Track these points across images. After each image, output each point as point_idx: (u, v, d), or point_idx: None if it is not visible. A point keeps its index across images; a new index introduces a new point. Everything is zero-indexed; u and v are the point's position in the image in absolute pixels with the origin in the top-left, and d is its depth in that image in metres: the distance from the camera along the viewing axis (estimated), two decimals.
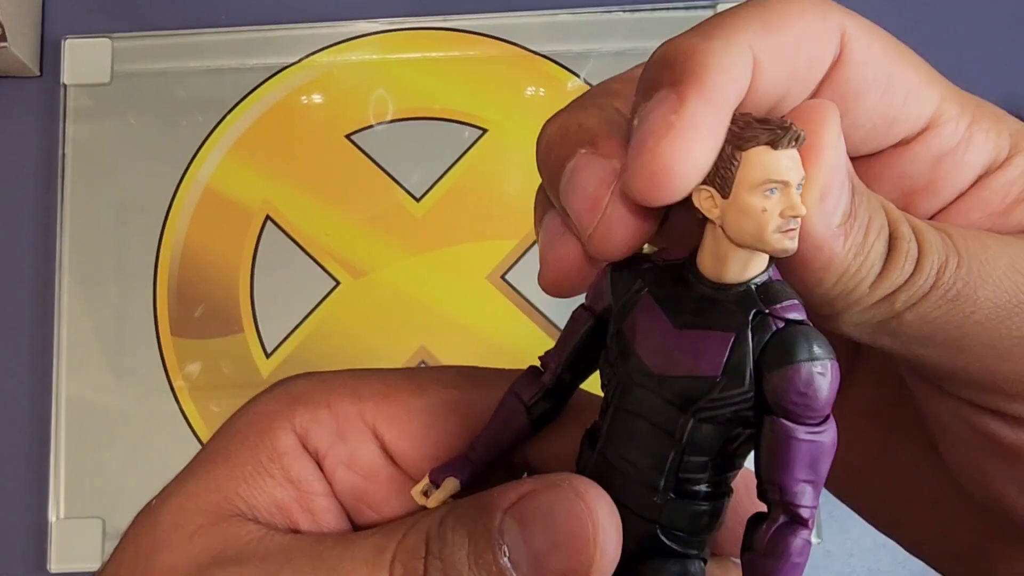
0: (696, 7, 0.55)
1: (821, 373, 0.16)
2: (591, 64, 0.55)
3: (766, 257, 0.16)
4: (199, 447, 0.24)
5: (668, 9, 0.56)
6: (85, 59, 0.56)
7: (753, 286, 0.16)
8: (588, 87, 0.55)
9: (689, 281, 0.17)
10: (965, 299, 0.16)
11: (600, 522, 0.16)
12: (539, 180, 0.19)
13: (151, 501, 0.21)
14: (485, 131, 0.55)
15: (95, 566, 0.50)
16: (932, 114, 0.18)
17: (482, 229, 0.54)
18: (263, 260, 0.54)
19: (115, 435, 0.52)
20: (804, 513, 0.16)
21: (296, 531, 0.20)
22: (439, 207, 0.54)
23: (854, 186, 0.16)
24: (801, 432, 0.16)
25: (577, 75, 0.55)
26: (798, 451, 0.16)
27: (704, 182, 0.16)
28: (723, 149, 0.16)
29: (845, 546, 0.50)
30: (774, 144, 0.15)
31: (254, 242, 0.54)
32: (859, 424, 0.22)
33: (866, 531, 0.51)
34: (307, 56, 0.56)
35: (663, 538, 0.18)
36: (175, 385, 0.52)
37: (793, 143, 0.15)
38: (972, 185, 0.18)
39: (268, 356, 0.53)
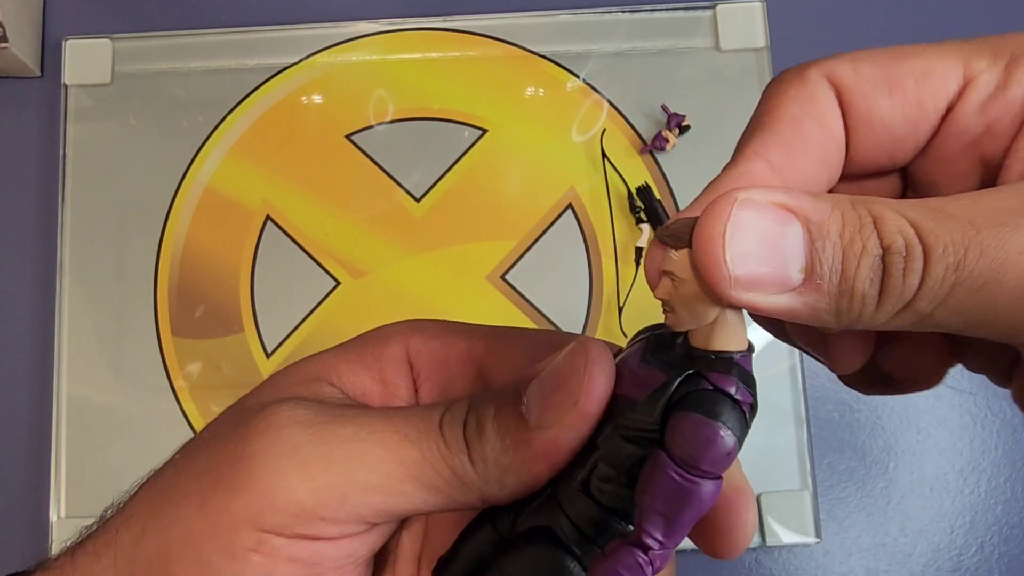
0: (696, 7, 0.55)
1: (709, 430, 0.18)
2: (591, 64, 0.56)
3: (732, 337, 0.18)
4: None
5: (668, 9, 0.56)
6: (86, 59, 0.56)
7: (713, 356, 0.18)
8: (588, 87, 0.55)
9: (681, 342, 0.19)
10: (992, 287, 0.16)
11: (592, 360, 0.19)
12: (538, 180, 0.20)
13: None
14: (485, 131, 0.55)
15: None
16: (962, 75, 0.20)
17: (482, 229, 0.54)
18: (263, 260, 0.54)
19: (115, 435, 0.52)
20: (645, 538, 0.18)
21: None
22: (439, 207, 0.54)
23: (810, 229, 0.16)
24: (672, 468, 0.18)
25: (577, 75, 0.55)
26: (663, 483, 0.18)
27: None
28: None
29: (844, 546, 0.51)
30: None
31: (254, 242, 0.54)
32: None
33: (865, 530, 0.51)
34: (307, 57, 0.56)
35: (560, 524, 0.20)
36: (175, 385, 0.52)
37: (670, 245, 0.18)
38: None
39: (268, 356, 0.53)
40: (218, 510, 0.20)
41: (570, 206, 0.53)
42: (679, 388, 0.18)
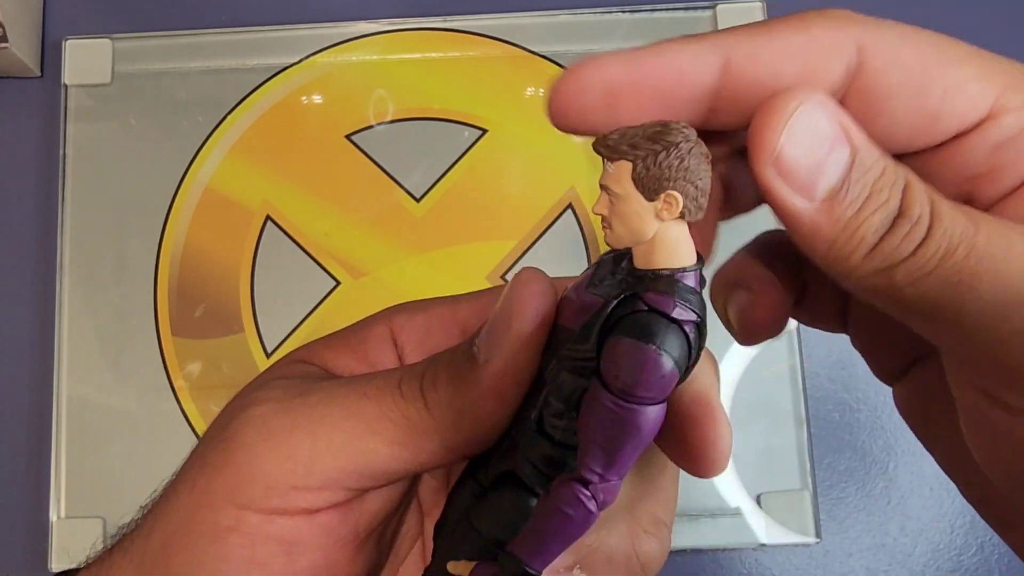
0: (696, 7, 0.55)
1: (640, 353, 0.17)
2: None
3: (675, 252, 0.17)
4: None
5: (668, 9, 0.56)
6: (86, 59, 0.56)
7: (653, 274, 0.17)
8: None
9: (625, 264, 0.18)
10: (968, 287, 0.16)
11: (522, 282, 0.20)
12: (538, 180, 0.20)
13: None
14: (485, 131, 0.55)
15: None
16: (991, 106, 0.18)
17: (482, 229, 0.54)
18: (263, 260, 0.54)
19: (115, 435, 0.52)
20: (584, 472, 0.18)
21: None
22: (439, 207, 0.54)
23: (853, 162, 0.17)
24: (607, 398, 0.17)
25: None
26: (599, 414, 0.17)
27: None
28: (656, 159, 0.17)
29: (844, 546, 0.51)
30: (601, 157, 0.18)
31: (254, 242, 0.54)
32: (933, 378, 0.23)
33: (865, 530, 0.51)
34: (307, 56, 0.56)
35: (520, 466, 0.19)
36: (175, 385, 0.52)
37: (605, 156, 0.18)
38: None
39: (268, 356, 0.53)
40: (204, 491, 0.20)
41: (570, 206, 0.53)
42: (614, 311, 0.17)
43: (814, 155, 0.17)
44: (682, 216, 0.17)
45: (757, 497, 0.50)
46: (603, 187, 0.18)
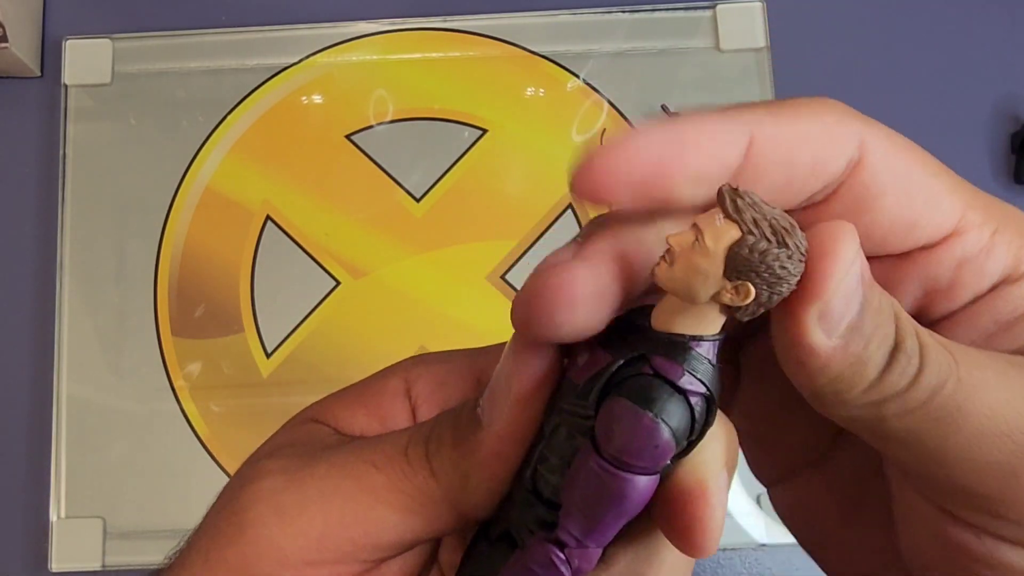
0: (696, 7, 0.55)
1: (635, 417, 0.16)
2: (591, 64, 0.56)
3: (699, 322, 0.16)
4: (199, 447, 0.26)
5: (668, 10, 0.56)
6: (86, 59, 0.56)
7: (667, 337, 0.16)
8: (588, 87, 0.55)
9: (644, 322, 0.17)
10: (952, 421, 0.17)
11: (512, 349, 0.19)
12: (538, 180, 0.20)
13: None
14: (485, 131, 0.55)
15: (96, 566, 0.50)
16: (957, 222, 0.19)
17: (482, 229, 0.54)
18: (263, 260, 0.54)
19: (115, 435, 0.52)
20: (562, 534, 0.17)
21: None
22: (439, 207, 0.54)
23: (865, 297, 0.17)
24: (596, 461, 0.16)
25: (577, 75, 0.55)
26: (585, 475, 0.16)
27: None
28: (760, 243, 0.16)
29: None
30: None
31: (254, 242, 0.54)
32: (831, 487, 0.23)
33: None
34: (307, 56, 0.56)
35: (515, 527, 0.19)
36: (175, 385, 0.52)
37: (726, 207, 0.16)
38: (988, 291, 0.19)
39: (268, 356, 0.53)
40: (217, 561, 0.20)
41: (570, 206, 0.53)
42: (619, 372, 0.16)
43: (848, 298, 0.16)
44: (733, 310, 0.16)
45: (757, 497, 0.50)
46: (697, 227, 0.16)
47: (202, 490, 0.53)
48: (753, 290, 0.16)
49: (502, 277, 0.53)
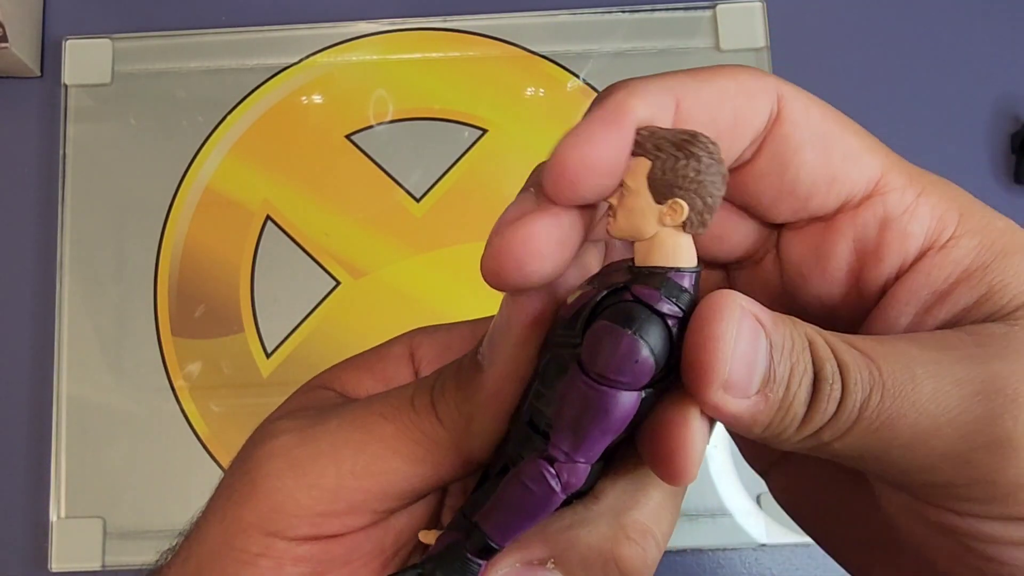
0: (696, 7, 0.55)
1: (616, 335, 0.17)
2: (591, 64, 0.56)
3: (673, 253, 0.18)
4: (199, 447, 0.26)
5: (668, 10, 0.56)
6: (86, 59, 0.56)
7: (647, 270, 0.18)
8: (588, 87, 0.55)
9: (627, 262, 0.19)
10: (888, 429, 0.17)
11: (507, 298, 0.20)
12: None
13: None
14: (485, 131, 0.55)
15: (96, 566, 0.50)
16: (878, 181, 0.19)
17: (482, 229, 0.54)
18: (263, 260, 0.54)
19: (115, 435, 0.52)
20: (552, 450, 0.18)
21: None
22: (439, 207, 0.54)
23: (772, 342, 0.17)
24: (581, 379, 0.17)
25: (577, 75, 0.55)
26: (573, 394, 0.17)
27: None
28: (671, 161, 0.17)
29: None
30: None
31: (254, 242, 0.54)
32: (826, 464, 0.23)
33: None
34: (307, 56, 0.56)
35: (512, 458, 0.19)
36: (175, 385, 0.52)
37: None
38: (919, 258, 0.19)
39: (268, 356, 0.53)
40: (232, 520, 0.21)
41: None
42: (603, 301, 0.18)
43: (748, 361, 0.17)
44: (683, 226, 0.17)
45: (757, 497, 0.50)
46: (621, 181, 0.18)
47: (202, 490, 0.53)
48: (684, 202, 0.17)
49: None
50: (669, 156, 0.17)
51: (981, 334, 0.18)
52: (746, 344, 0.17)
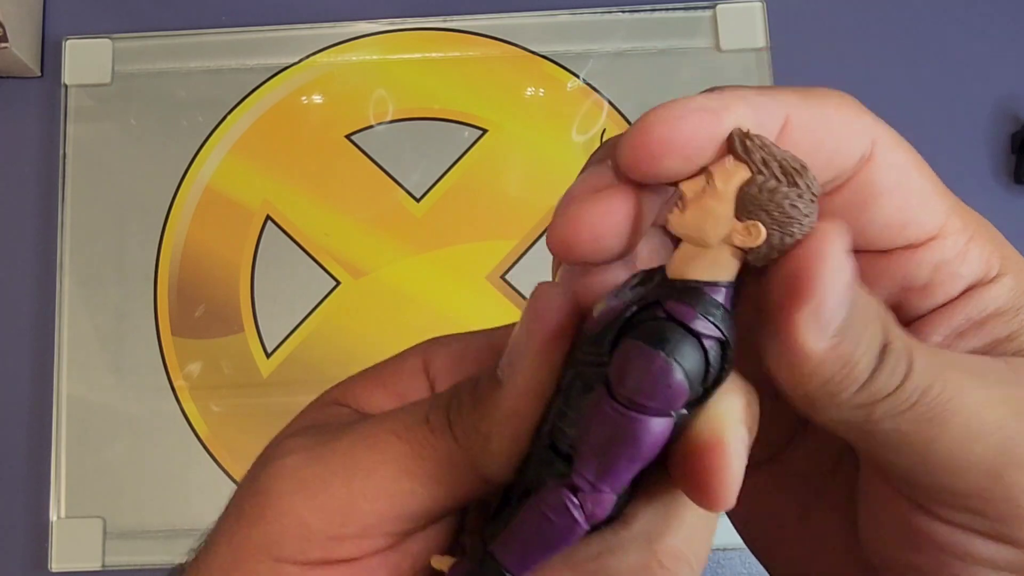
0: (696, 7, 0.55)
1: (647, 356, 0.16)
2: (591, 64, 0.56)
3: (711, 267, 0.16)
4: (200, 447, 0.26)
5: (668, 10, 0.56)
6: (86, 59, 0.56)
7: (681, 284, 0.16)
8: (588, 87, 0.55)
9: (660, 271, 0.17)
10: (940, 423, 0.17)
11: (535, 296, 0.19)
12: (538, 180, 0.20)
13: None
14: (485, 131, 0.55)
15: (96, 566, 0.50)
16: (941, 225, 0.19)
17: (482, 229, 0.54)
18: (263, 260, 0.54)
19: (115, 435, 0.52)
20: (576, 478, 0.16)
21: None
22: (439, 207, 0.54)
23: (854, 299, 0.16)
24: (609, 403, 0.16)
25: (577, 75, 0.55)
26: (599, 419, 0.16)
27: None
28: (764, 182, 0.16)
29: None
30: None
31: (254, 242, 0.54)
32: (787, 484, 0.23)
33: None
34: (307, 56, 0.56)
35: (531, 482, 0.18)
36: (175, 385, 0.52)
37: (736, 151, 0.16)
38: (960, 294, 0.19)
39: (268, 356, 0.53)
40: (240, 543, 0.20)
41: None
42: (633, 317, 0.16)
43: (840, 299, 0.16)
44: (746, 252, 0.16)
45: None
46: (708, 172, 0.16)
47: (202, 490, 0.54)
48: (764, 230, 0.16)
49: (502, 277, 0.53)
50: (772, 177, 0.16)
51: (1017, 364, 0.18)
52: (844, 282, 0.16)
